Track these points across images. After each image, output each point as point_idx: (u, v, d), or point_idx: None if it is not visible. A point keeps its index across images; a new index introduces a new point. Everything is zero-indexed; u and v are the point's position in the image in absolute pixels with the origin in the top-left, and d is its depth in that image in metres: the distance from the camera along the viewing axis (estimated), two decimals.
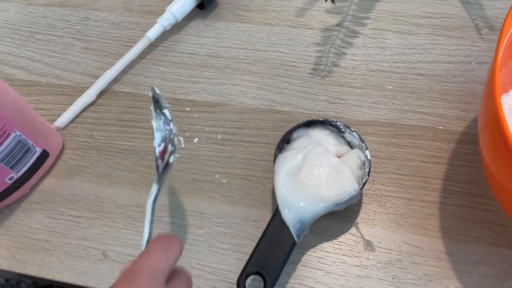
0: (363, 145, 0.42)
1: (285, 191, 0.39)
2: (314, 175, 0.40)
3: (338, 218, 0.43)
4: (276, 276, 0.37)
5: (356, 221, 0.43)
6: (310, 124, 0.44)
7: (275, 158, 0.42)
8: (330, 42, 0.53)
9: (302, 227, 0.39)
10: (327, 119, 0.44)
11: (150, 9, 0.58)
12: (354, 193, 0.40)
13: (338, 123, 0.43)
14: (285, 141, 0.44)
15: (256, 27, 0.56)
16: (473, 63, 0.50)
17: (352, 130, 0.43)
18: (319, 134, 0.43)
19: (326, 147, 0.42)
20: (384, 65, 0.51)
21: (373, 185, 0.45)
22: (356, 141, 0.43)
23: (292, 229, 0.38)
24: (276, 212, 0.39)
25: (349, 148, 0.44)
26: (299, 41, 0.54)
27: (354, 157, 0.42)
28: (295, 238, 0.38)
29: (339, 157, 0.42)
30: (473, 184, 0.44)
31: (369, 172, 0.41)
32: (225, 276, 0.42)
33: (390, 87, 0.50)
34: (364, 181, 0.41)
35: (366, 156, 0.42)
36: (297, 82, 0.51)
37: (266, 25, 0.55)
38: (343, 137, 0.44)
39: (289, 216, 0.39)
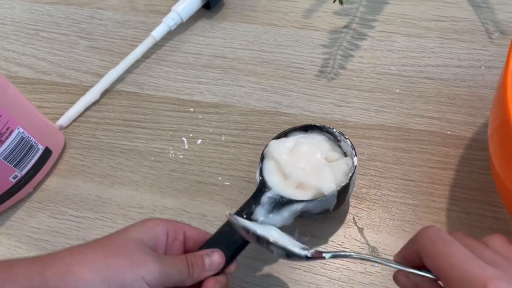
0: (353, 152, 0.40)
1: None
2: (298, 166, 0.39)
3: (343, 223, 0.43)
4: (228, 259, 0.36)
5: (361, 226, 0.42)
6: (307, 128, 0.43)
7: (262, 156, 0.41)
8: (337, 44, 0.53)
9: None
10: (324, 125, 0.42)
11: (155, 8, 0.58)
12: (329, 195, 0.38)
13: (334, 130, 0.41)
14: None
15: (262, 28, 0.55)
16: (483, 67, 0.49)
17: (346, 137, 0.40)
18: (316, 138, 0.41)
19: (318, 141, 0.41)
20: (392, 68, 0.50)
21: (379, 190, 0.44)
22: (348, 150, 0.40)
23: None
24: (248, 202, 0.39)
25: (343, 157, 0.41)
26: (306, 43, 0.53)
27: (343, 164, 0.40)
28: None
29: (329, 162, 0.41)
30: (482, 191, 0.43)
31: (351, 177, 0.38)
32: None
33: (397, 90, 0.49)
34: (343, 184, 0.38)
35: (353, 163, 0.39)
36: (303, 84, 0.51)
37: (272, 26, 0.55)
38: (339, 147, 0.42)
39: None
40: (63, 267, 0.30)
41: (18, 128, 0.43)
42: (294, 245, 0.34)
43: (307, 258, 0.33)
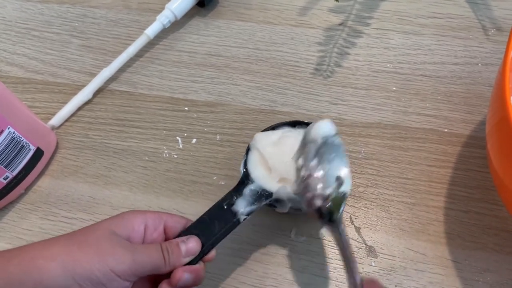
0: None
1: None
2: (282, 160, 0.39)
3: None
4: (206, 248, 0.36)
5: (358, 226, 0.42)
6: (295, 124, 0.43)
7: (248, 148, 0.41)
8: (333, 41, 0.52)
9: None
10: (311, 122, 0.41)
11: (149, 7, 0.57)
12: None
13: None
14: None
15: (257, 26, 0.54)
16: (479, 64, 0.49)
17: None
18: (300, 133, 0.42)
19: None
20: (388, 65, 0.50)
21: (376, 189, 0.43)
22: None
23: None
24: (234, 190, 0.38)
25: None
26: (301, 41, 0.53)
27: None
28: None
29: None
30: (480, 189, 0.42)
31: None
32: (224, 283, 0.41)
33: (394, 88, 0.49)
34: None
35: None
36: (298, 83, 0.50)
37: (267, 24, 0.54)
38: None
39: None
40: (27, 261, 0.30)
41: (8, 128, 0.42)
42: None
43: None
